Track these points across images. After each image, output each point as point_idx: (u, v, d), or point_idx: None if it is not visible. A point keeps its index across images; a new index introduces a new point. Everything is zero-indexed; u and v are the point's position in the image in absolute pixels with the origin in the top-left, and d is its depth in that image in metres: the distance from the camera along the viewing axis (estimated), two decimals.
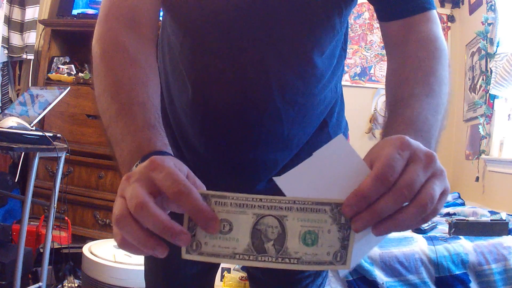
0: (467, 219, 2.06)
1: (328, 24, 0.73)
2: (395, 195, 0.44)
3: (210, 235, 0.46)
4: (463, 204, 2.84)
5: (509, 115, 2.83)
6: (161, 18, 0.79)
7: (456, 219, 1.98)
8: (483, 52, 2.94)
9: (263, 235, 0.47)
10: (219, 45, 0.73)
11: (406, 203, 0.45)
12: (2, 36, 3.22)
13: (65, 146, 2.00)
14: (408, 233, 1.94)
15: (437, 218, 2.34)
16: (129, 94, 0.59)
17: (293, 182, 0.48)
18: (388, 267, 1.82)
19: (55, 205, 2.01)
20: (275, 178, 0.48)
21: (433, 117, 0.59)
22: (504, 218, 2.07)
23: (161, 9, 0.76)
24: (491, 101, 2.86)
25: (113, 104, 0.59)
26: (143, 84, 0.61)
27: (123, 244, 0.46)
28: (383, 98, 2.63)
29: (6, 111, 2.14)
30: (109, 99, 0.60)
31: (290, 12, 0.70)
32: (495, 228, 1.93)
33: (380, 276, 1.79)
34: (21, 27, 3.34)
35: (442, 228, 2.09)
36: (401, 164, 0.45)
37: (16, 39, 3.34)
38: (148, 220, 0.44)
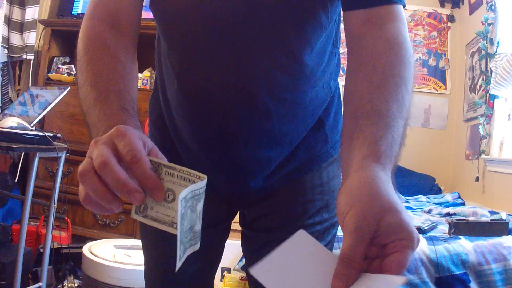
0: (467, 219, 2.06)
1: (314, 20, 0.72)
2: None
3: (156, 201, 0.50)
4: (463, 204, 2.84)
5: (509, 115, 2.83)
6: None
7: (456, 219, 1.97)
8: (483, 52, 2.93)
9: None
10: (205, 42, 0.73)
11: None
12: (2, 36, 3.22)
13: (65, 146, 2.00)
14: None
15: (437, 218, 2.34)
16: (107, 84, 0.64)
17: (268, 272, 0.50)
18: None
19: (55, 205, 2.01)
20: (250, 269, 0.50)
21: (403, 141, 0.59)
22: (504, 218, 2.07)
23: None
24: (491, 101, 2.85)
25: (92, 92, 0.64)
26: (120, 76, 0.66)
27: (86, 201, 0.52)
28: None
29: (6, 111, 2.14)
30: (89, 88, 0.65)
31: (275, 8, 0.70)
32: (495, 228, 1.93)
33: None
34: (21, 27, 3.34)
35: (442, 228, 2.09)
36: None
37: (16, 39, 3.34)
38: (108, 176, 0.48)
